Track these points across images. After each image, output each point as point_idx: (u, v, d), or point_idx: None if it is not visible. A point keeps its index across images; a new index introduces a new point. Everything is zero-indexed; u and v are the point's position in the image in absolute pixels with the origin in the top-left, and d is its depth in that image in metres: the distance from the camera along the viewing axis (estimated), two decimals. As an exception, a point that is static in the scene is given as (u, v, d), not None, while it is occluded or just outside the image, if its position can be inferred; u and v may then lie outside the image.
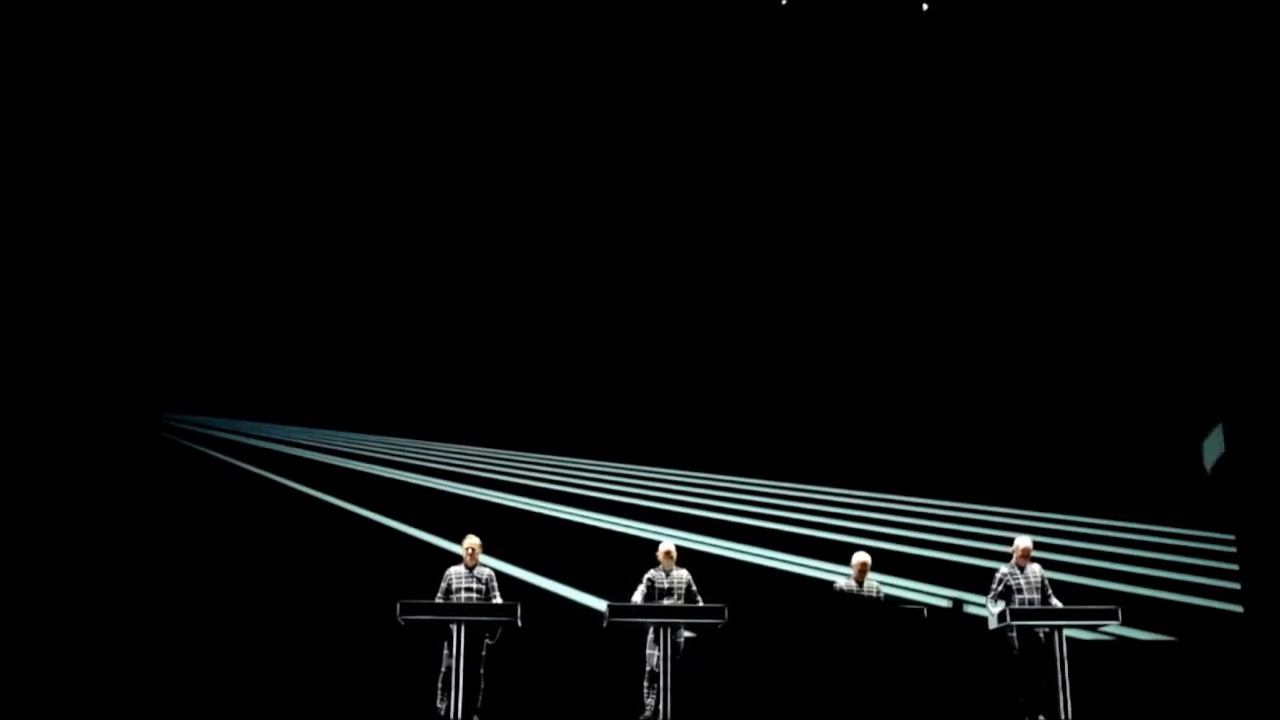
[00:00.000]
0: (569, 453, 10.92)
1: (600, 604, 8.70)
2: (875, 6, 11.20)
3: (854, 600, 8.56)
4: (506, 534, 10.04)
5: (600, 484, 10.84)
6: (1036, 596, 8.53)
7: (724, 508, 10.79)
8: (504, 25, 11.07)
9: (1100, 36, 11.19)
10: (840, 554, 9.46)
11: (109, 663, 9.42)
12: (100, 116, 10.58)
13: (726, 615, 8.16)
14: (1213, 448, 10.74)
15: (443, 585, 8.49)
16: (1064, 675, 8.05)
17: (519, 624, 8.04)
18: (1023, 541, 8.75)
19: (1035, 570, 8.67)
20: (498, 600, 8.45)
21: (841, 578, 8.87)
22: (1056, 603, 8.56)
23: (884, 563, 9.38)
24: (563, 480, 10.84)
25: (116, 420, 10.25)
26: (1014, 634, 8.32)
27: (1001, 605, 8.43)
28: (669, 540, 9.15)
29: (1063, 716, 7.97)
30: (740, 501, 10.83)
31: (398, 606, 7.93)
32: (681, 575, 8.73)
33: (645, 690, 8.37)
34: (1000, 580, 8.66)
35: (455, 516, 10.16)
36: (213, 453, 10.70)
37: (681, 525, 10.54)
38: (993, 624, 8.46)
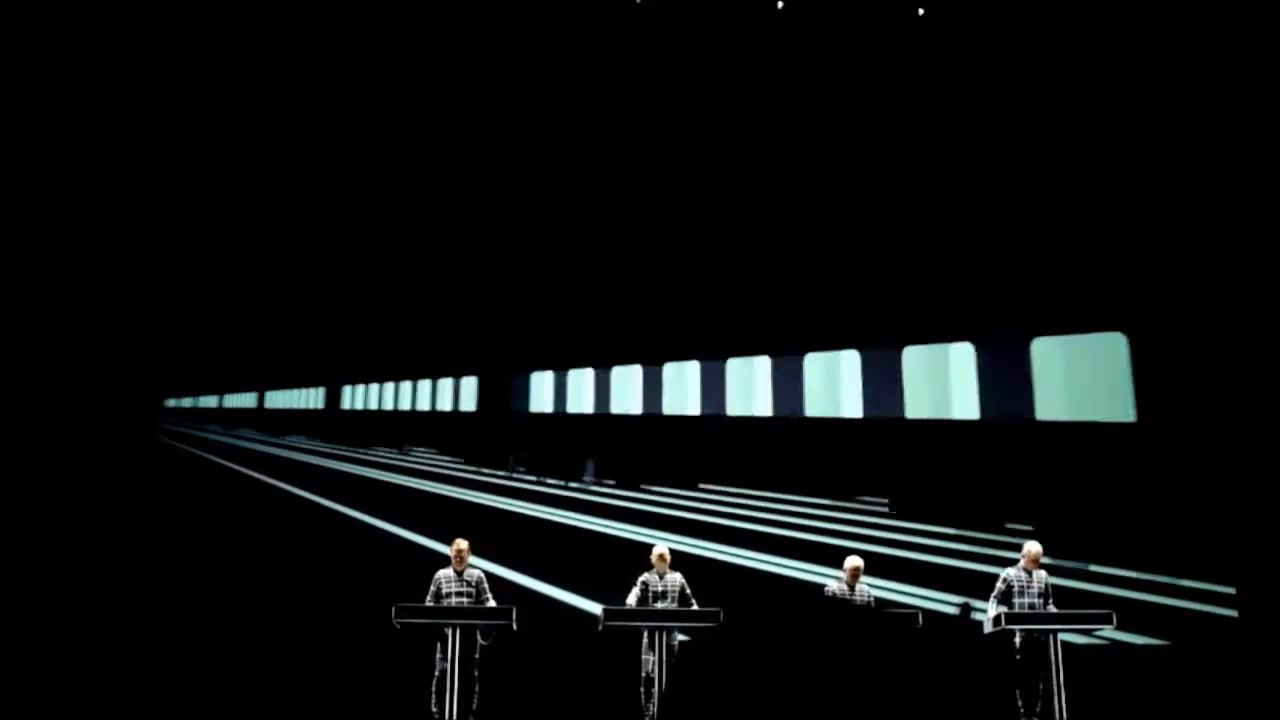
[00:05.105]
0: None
1: (593, 606, 8.67)
2: (871, 10, 11.19)
3: (845, 607, 8.51)
4: (498, 536, 10.02)
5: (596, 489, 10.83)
6: (1039, 602, 8.49)
7: (718, 510, 10.78)
8: (502, 25, 11.07)
9: (1095, 40, 11.18)
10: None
11: (105, 664, 9.40)
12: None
13: (722, 619, 8.14)
14: None
15: (431, 589, 8.38)
16: (1059, 679, 8.06)
17: (514, 627, 8.01)
18: (1032, 547, 8.67)
19: (1041, 576, 8.61)
20: (490, 602, 8.39)
21: (833, 581, 8.84)
22: (1053, 608, 8.52)
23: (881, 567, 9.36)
24: (558, 485, 10.83)
25: (114, 422, 10.25)
26: (1017, 638, 8.32)
27: (999, 609, 8.40)
28: (662, 544, 9.02)
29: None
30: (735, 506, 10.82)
31: (393, 610, 7.89)
32: (675, 579, 8.66)
33: (642, 696, 8.33)
34: (1005, 581, 8.58)
35: (446, 518, 10.15)
36: (208, 456, 10.69)
37: (673, 528, 10.50)
38: (988, 628, 8.44)
